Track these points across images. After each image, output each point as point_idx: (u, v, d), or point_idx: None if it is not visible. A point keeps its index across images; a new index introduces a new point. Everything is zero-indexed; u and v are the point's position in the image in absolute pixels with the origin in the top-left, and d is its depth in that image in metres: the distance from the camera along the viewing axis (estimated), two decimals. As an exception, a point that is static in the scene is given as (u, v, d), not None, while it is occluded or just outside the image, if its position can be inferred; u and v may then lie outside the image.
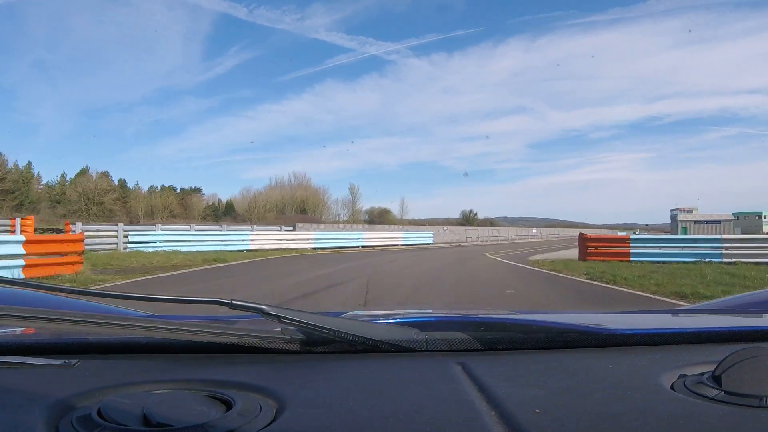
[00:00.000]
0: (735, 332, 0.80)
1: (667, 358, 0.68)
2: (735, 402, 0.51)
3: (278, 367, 0.65)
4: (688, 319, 1.07)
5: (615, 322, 0.96)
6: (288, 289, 7.83)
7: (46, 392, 0.54)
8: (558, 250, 19.26)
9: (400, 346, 0.70)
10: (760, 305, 1.14)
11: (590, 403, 0.52)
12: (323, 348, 0.70)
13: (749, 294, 1.24)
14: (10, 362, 0.64)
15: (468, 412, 0.50)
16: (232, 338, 0.66)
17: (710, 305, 1.29)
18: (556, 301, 6.97)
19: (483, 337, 0.73)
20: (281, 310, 0.68)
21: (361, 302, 6.43)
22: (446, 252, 20.21)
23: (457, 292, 8.01)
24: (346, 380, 0.60)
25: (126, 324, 0.64)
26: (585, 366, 0.65)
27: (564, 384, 0.58)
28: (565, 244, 24.94)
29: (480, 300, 7.25)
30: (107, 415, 0.47)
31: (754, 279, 8.35)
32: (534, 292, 7.97)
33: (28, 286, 0.74)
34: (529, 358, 0.70)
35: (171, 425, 0.46)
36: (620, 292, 7.67)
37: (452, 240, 30.96)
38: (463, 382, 0.59)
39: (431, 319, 0.81)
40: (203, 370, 0.63)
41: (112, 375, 0.60)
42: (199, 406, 0.50)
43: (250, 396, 0.54)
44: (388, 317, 0.78)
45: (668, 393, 0.55)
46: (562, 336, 0.75)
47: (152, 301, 0.76)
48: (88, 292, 0.78)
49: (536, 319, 0.82)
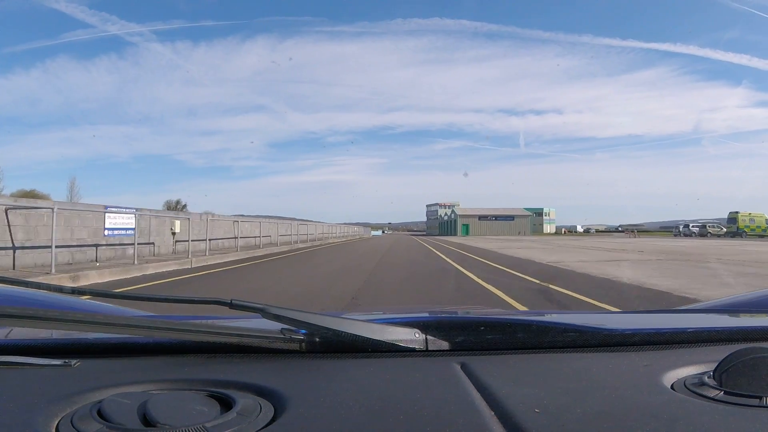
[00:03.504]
0: (735, 332, 0.80)
1: (667, 358, 0.68)
2: (735, 402, 0.51)
3: (278, 367, 0.65)
4: (688, 319, 1.07)
5: (615, 322, 0.96)
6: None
7: (46, 392, 0.54)
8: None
9: (401, 346, 0.70)
10: (760, 305, 1.14)
11: (590, 403, 0.52)
12: (323, 348, 0.70)
13: (749, 294, 1.24)
14: (10, 362, 0.64)
15: (468, 413, 0.50)
16: (232, 338, 0.66)
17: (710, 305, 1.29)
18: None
19: (483, 337, 0.73)
20: (281, 310, 0.68)
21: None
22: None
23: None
24: (347, 380, 0.60)
25: (126, 324, 0.64)
26: (585, 366, 0.65)
27: (564, 384, 0.58)
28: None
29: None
30: (107, 415, 0.47)
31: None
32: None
33: (28, 285, 0.74)
34: (530, 358, 0.70)
35: (171, 425, 0.46)
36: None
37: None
38: (463, 382, 0.59)
39: (431, 319, 0.81)
40: (203, 370, 0.63)
41: (112, 375, 0.60)
42: (199, 406, 0.50)
43: (250, 396, 0.54)
44: (389, 317, 0.78)
45: (668, 393, 0.55)
46: (562, 336, 0.75)
47: (152, 301, 0.76)
48: (88, 292, 0.78)
49: (536, 320, 0.82)
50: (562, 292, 6.56)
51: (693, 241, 30.72)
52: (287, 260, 13.83)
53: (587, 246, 23.12)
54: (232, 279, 8.95)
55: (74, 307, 1.05)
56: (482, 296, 6.43)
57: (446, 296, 6.66)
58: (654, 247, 20.85)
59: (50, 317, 0.58)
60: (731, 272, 9.35)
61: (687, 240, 35.66)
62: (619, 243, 27.68)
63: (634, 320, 1.04)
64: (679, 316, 1.10)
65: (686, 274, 9.07)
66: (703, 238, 40.41)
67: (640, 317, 1.11)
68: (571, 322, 0.88)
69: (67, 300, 1.16)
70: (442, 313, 1.09)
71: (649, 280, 7.96)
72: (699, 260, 12.65)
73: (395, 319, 0.76)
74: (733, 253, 16.17)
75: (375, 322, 0.72)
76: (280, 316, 0.67)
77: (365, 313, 0.99)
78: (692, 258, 13.56)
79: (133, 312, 1.15)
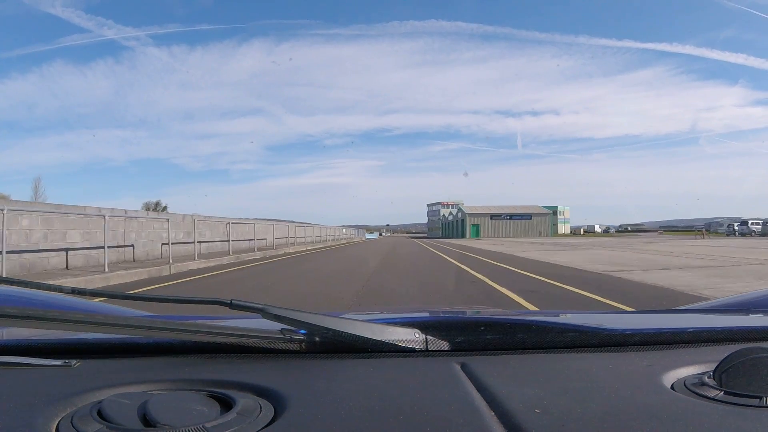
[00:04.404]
0: (735, 332, 0.80)
1: (667, 358, 0.68)
2: (735, 402, 0.51)
3: (278, 367, 0.65)
4: (688, 319, 1.07)
5: (615, 322, 0.95)
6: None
7: (46, 392, 0.54)
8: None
9: (401, 346, 0.70)
10: (760, 305, 1.14)
11: (590, 403, 0.52)
12: (323, 348, 0.70)
13: (749, 294, 1.24)
14: (10, 362, 0.64)
15: (468, 413, 0.50)
16: (232, 338, 0.66)
17: (710, 305, 1.29)
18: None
19: (483, 337, 0.73)
20: (281, 310, 0.68)
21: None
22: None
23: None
24: (347, 380, 0.60)
25: (126, 324, 0.64)
26: (585, 366, 0.65)
27: (564, 384, 0.58)
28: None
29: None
30: (107, 415, 0.47)
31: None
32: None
33: (28, 285, 0.74)
34: (530, 358, 0.69)
35: (171, 425, 0.46)
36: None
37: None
38: (463, 382, 0.59)
39: (431, 319, 0.81)
40: (203, 370, 0.63)
41: (112, 375, 0.60)
42: (199, 406, 0.50)
43: (250, 396, 0.54)
44: (389, 317, 0.78)
45: (668, 393, 0.55)
46: (562, 336, 0.75)
47: (152, 301, 0.76)
48: (88, 292, 0.78)
49: (536, 320, 0.82)
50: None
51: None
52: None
53: (693, 254, 15.08)
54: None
55: (74, 307, 1.05)
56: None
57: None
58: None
59: (50, 317, 0.58)
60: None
61: (756, 240, 31.07)
62: (709, 247, 19.75)
63: (634, 320, 1.04)
64: (679, 316, 1.10)
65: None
66: (765, 238, 37.15)
67: (640, 317, 1.11)
68: (571, 322, 0.88)
69: (67, 300, 1.16)
70: (442, 313, 1.09)
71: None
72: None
73: (395, 319, 0.76)
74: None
75: (375, 322, 0.72)
76: (280, 316, 0.67)
77: (365, 313, 0.99)
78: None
79: (133, 312, 1.15)
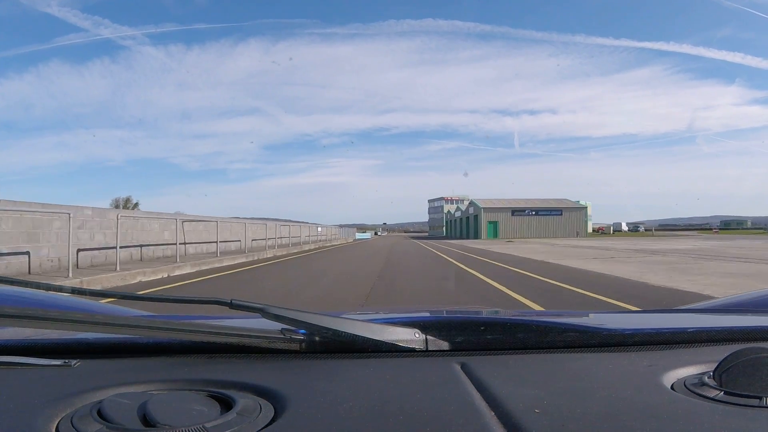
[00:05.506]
0: (735, 332, 0.80)
1: (667, 358, 0.68)
2: (735, 402, 0.51)
3: (278, 367, 0.65)
4: (688, 319, 1.07)
5: (615, 322, 0.95)
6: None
7: (46, 392, 0.54)
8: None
9: (401, 346, 0.70)
10: (760, 305, 1.14)
11: (590, 404, 0.52)
12: (323, 348, 0.70)
13: (749, 294, 1.24)
14: (10, 362, 0.64)
15: (468, 413, 0.50)
16: (232, 338, 0.66)
17: (710, 305, 1.29)
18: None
19: (483, 337, 0.73)
20: (281, 310, 0.68)
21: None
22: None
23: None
24: (347, 380, 0.60)
25: (126, 324, 0.64)
26: (585, 366, 0.65)
27: (564, 384, 0.58)
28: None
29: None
30: (107, 415, 0.47)
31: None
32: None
33: (28, 285, 0.74)
34: (530, 358, 0.69)
35: (171, 425, 0.46)
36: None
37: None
38: (463, 382, 0.59)
39: (432, 319, 0.81)
40: (203, 370, 0.63)
41: (112, 375, 0.60)
42: (199, 406, 0.50)
43: (250, 396, 0.54)
44: (389, 317, 0.78)
45: (668, 393, 0.55)
46: (562, 336, 0.75)
47: (152, 301, 0.76)
48: (88, 292, 0.78)
49: (536, 320, 0.82)
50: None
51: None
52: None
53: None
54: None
55: (74, 307, 1.05)
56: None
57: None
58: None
59: (50, 317, 0.58)
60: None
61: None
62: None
63: (634, 320, 1.04)
64: (679, 316, 1.10)
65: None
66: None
67: (639, 317, 1.11)
68: (571, 322, 0.88)
69: (67, 300, 1.16)
70: (442, 313, 1.09)
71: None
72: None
73: (395, 319, 0.76)
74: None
75: (375, 322, 0.72)
76: (280, 316, 0.67)
77: (365, 313, 0.99)
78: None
79: (133, 312, 1.15)
